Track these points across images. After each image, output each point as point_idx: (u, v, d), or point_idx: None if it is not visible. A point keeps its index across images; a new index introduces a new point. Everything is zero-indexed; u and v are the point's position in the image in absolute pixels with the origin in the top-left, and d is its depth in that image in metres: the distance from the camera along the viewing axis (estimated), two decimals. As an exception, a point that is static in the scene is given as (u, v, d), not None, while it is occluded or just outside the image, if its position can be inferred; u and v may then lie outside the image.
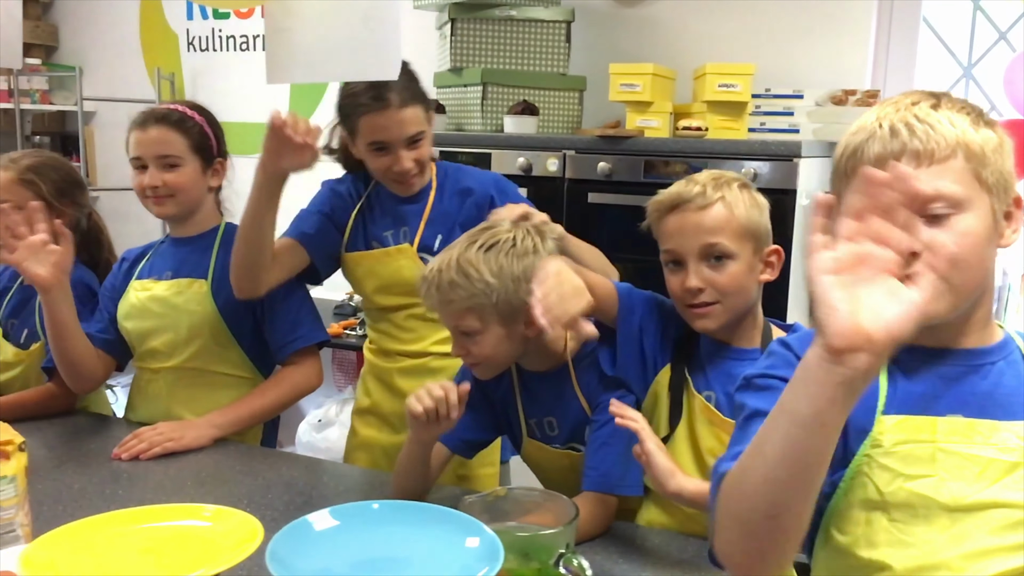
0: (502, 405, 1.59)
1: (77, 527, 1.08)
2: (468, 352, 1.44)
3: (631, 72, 2.73)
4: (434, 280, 1.42)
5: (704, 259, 1.36)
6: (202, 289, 1.84)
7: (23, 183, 1.94)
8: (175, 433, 1.73)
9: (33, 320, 1.98)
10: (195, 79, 4.15)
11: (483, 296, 1.39)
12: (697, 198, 1.35)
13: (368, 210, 1.86)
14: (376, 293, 1.85)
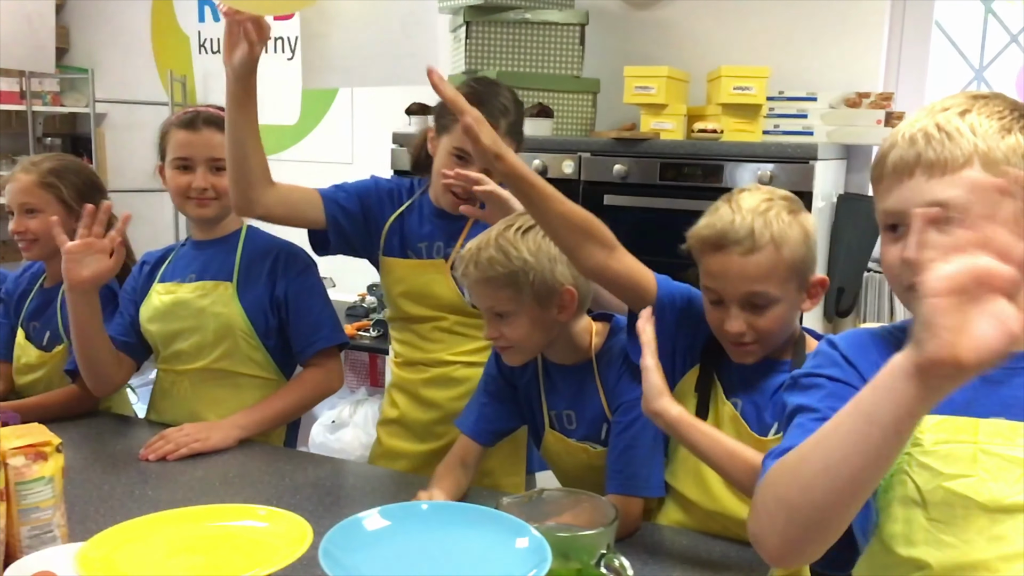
0: (526, 394, 1.61)
1: (130, 527, 1.10)
2: (501, 334, 1.46)
3: (646, 75, 2.74)
4: (472, 257, 1.44)
5: (746, 304, 1.33)
6: (227, 291, 1.85)
7: (44, 186, 1.96)
8: (201, 434, 1.74)
9: (55, 322, 2.00)
10: (206, 81, 4.17)
11: (520, 274, 1.41)
12: (745, 240, 1.29)
13: (408, 215, 1.87)
14: (402, 298, 1.86)
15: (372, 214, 1.86)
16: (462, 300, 1.81)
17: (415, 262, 1.85)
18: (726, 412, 1.40)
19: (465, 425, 1.61)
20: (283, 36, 3.97)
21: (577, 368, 1.54)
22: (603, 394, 1.51)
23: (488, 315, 1.47)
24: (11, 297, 2.09)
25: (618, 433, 1.46)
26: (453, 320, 1.83)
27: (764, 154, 2.46)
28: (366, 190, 1.87)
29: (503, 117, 1.72)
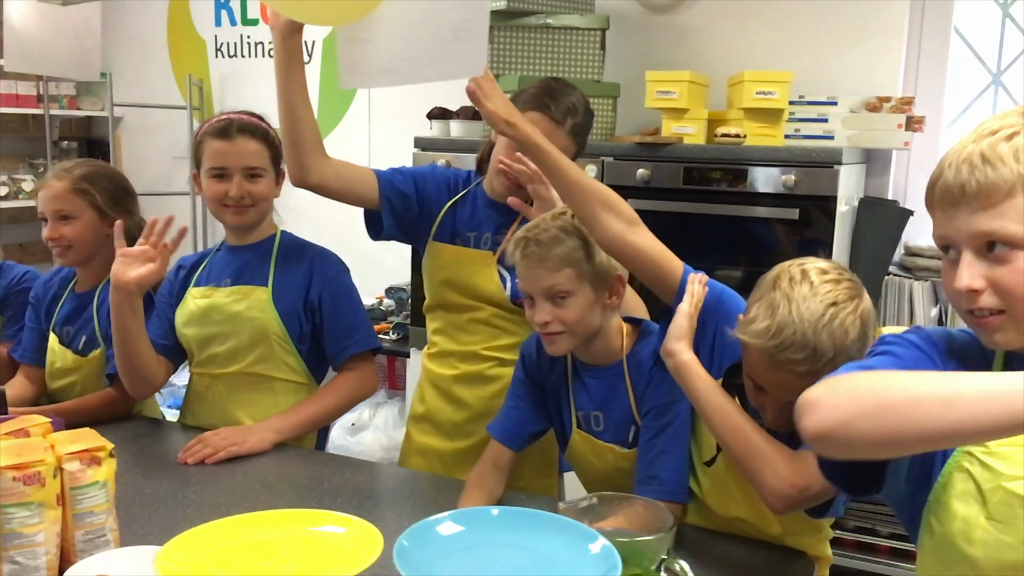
0: (554, 394, 1.62)
1: (206, 530, 1.11)
2: (555, 318, 1.46)
3: (668, 79, 2.75)
4: (535, 236, 1.46)
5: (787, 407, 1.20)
6: (263, 296, 1.87)
7: (78, 192, 1.97)
8: (238, 438, 1.75)
9: (91, 327, 2.01)
10: (223, 85, 4.18)
11: (582, 252, 1.45)
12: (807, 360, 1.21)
13: (461, 204, 1.88)
14: (444, 285, 1.87)
15: (427, 199, 1.87)
16: (503, 294, 1.82)
17: (463, 250, 1.85)
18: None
19: (495, 430, 1.63)
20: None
21: (607, 369, 1.55)
22: (632, 396, 1.52)
23: (542, 299, 1.47)
24: (41, 302, 2.10)
25: (650, 438, 1.47)
26: (490, 312, 1.84)
27: (788, 159, 2.48)
28: (423, 175, 1.89)
29: (569, 117, 1.74)
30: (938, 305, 2.85)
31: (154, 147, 4.35)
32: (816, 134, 2.78)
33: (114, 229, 1.77)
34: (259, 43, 4.08)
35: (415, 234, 1.91)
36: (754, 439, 1.26)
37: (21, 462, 1.16)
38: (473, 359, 1.86)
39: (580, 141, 1.81)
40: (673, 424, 1.45)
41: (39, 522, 1.18)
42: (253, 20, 4.07)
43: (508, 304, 1.83)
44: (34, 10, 1.49)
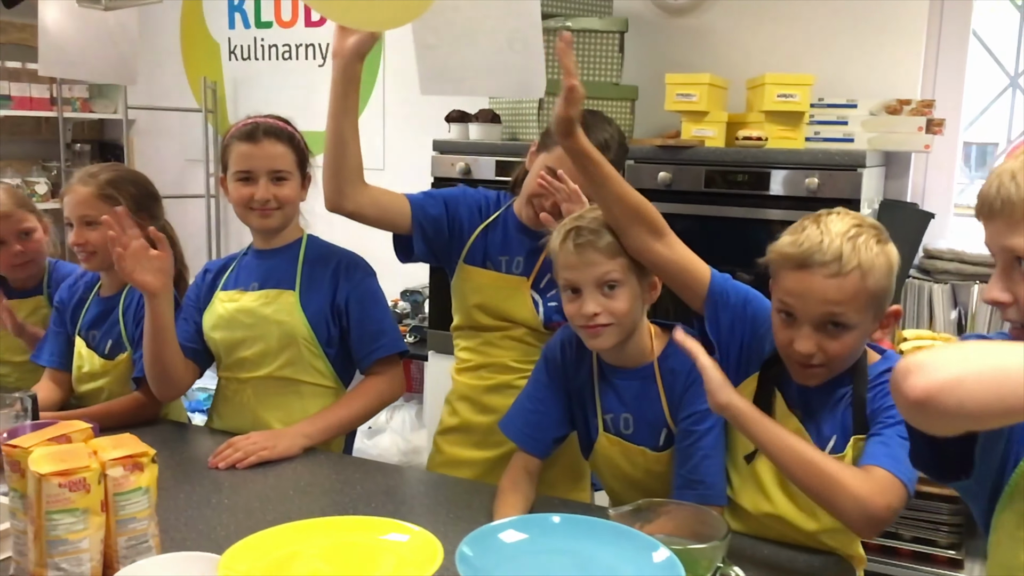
0: (579, 398, 1.61)
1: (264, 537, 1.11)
2: (604, 309, 1.45)
3: (688, 82, 2.75)
4: (587, 225, 1.46)
5: (821, 325, 1.31)
6: (291, 299, 1.87)
7: (102, 197, 1.97)
8: (268, 442, 1.75)
9: (117, 330, 2.01)
10: (236, 87, 4.18)
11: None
12: (832, 264, 1.28)
13: (492, 228, 1.88)
14: (476, 309, 1.87)
15: (459, 222, 1.88)
16: (537, 319, 1.82)
17: (496, 275, 1.85)
18: (789, 426, 1.39)
19: (519, 437, 1.61)
20: (314, 43, 3.99)
21: (637, 371, 1.55)
22: (665, 400, 1.52)
23: (591, 289, 1.46)
24: (66, 306, 2.10)
25: (692, 442, 1.47)
26: (524, 331, 1.84)
27: (811, 161, 2.47)
28: (454, 199, 1.89)
29: (603, 152, 1.72)
30: (957, 308, 2.84)
31: (167, 150, 4.35)
32: (836, 137, 2.78)
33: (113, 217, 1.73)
34: (272, 45, 4.08)
35: (445, 257, 1.91)
36: (827, 468, 1.25)
37: (66, 468, 1.16)
38: (504, 370, 1.86)
39: (618, 166, 1.80)
40: (715, 428, 1.45)
41: (84, 528, 1.17)
42: (267, 23, 4.07)
43: (541, 327, 1.83)
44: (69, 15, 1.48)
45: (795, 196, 2.48)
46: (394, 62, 3.84)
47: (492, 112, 2.98)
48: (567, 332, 1.65)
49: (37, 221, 2.24)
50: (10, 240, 2.18)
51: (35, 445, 1.22)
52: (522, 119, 2.99)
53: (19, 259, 2.20)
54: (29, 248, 2.21)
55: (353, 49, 1.65)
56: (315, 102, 3.86)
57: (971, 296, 2.80)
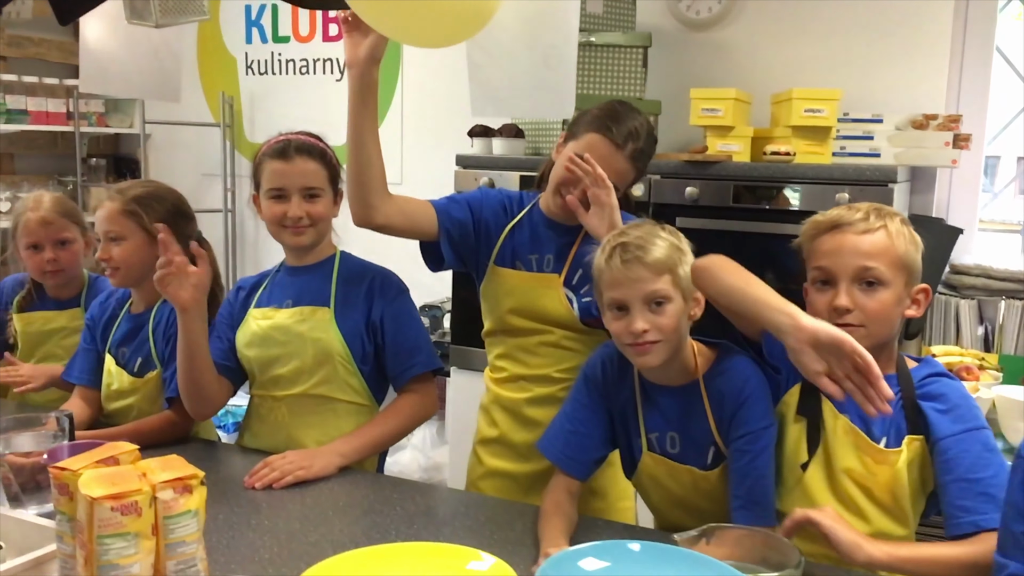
0: (621, 417, 1.59)
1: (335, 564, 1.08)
2: (653, 326, 1.44)
3: (713, 97, 2.74)
4: (635, 241, 1.45)
5: (857, 281, 1.39)
6: (325, 316, 1.85)
7: (127, 213, 1.96)
8: (305, 461, 1.73)
9: (147, 348, 1.99)
10: (252, 102, 4.18)
11: (679, 257, 1.46)
12: (859, 222, 1.40)
13: (519, 228, 1.87)
14: (511, 313, 1.85)
15: (485, 224, 1.87)
16: (572, 315, 1.80)
17: (527, 275, 1.84)
18: (840, 426, 1.42)
19: (560, 459, 1.59)
20: (331, 58, 3.98)
21: (682, 389, 1.53)
22: (712, 418, 1.50)
23: (639, 306, 1.45)
24: (96, 323, 2.08)
25: (748, 462, 1.45)
26: (560, 335, 1.82)
27: (841, 177, 2.46)
28: (478, 200, 1.88)
29: (631, 141, 1.73)
30: (983, 324, 2.83)
31: (183, 164, 4.34)
32: (863, 152, 2.77)
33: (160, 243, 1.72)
34: (290, 60, 4.07)
35: (473, 262, 1.90)
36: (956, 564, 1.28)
37: (118, 492, 1.14)
38: (545, 382, 1.84)
39: (640, 166, 1.80)
40: (768, 447, 1.44)
41: (135, 553, 1.15)
42: (284, 37, 4.07)
43: (577, 325, 1.81)
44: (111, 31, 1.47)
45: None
46: (412, 76, 3.83)
47: (516, 127, 2.97)
48: (607, 350, 1.64)
49: (79, 233, 2.24)
50: (45, 246, 2.18)
51: (84, 467, 1.20)
52: (546, 134, 2.98)
53: (51, 266, 2.19)
54: (62, 257, 2.20)
55: (368, 55, 1.63)
56: (332, 116, 3.87)
57: (998, 312, 2.78)
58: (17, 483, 1.51)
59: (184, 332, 1.75)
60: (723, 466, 1.51)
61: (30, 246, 2.18)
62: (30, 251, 2.18)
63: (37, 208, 2.18)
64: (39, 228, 2.17)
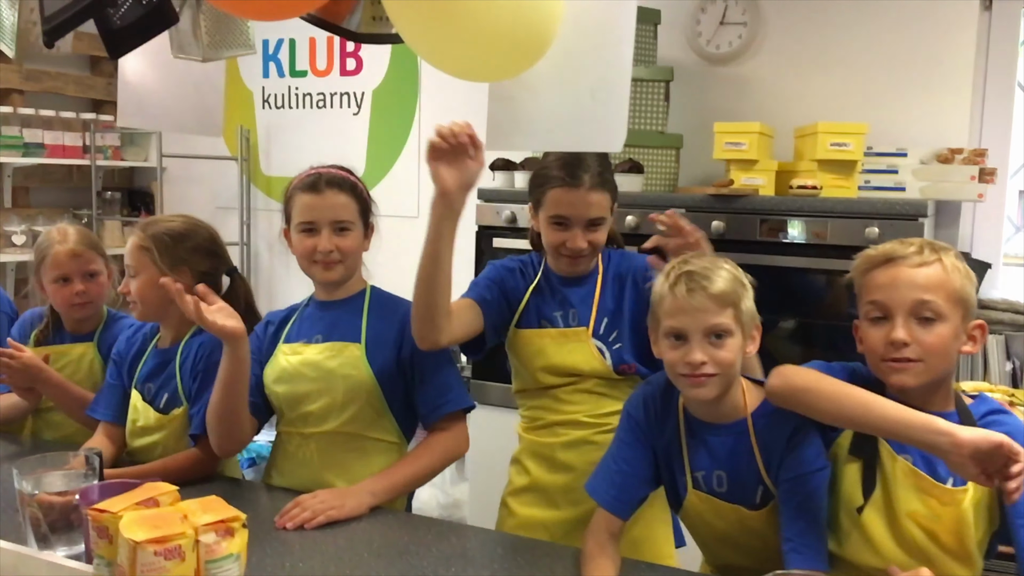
0: (665, 455, 1.56)
1: None
2: (711, 359, 1.42)
3: (737, 131, 2.73)
4: (700, 271, 1.43)
5: (913, 315, 1.36)
6: (356, 353, 1.82)
7: (141, 248, 1.96)
8: (336, 501, 1.69)
9: (173, 384, 1.96)
10: (268, 135, 4.18)
11: (742, 292, 1.44)
12: (914, 256, 1.37)
13: (539, 290, 1.88)
14: (541, 371, 1.85)
15: (510, 294, 1.88)
16: (605, 366, 1.79)
17: (555, 331, 1.84)
18: (900, 468, 1.38)
19: (603, 498, 1.56)
20: (348, 92, 4.00)
21: (730, 427, 1.50)
22: (760, 458, 1.47)
23: (699, 338, 1.43)
24: (123, 358, 2.05)
25: (800, 504, 1.41)
26: (594, 382, 1.81)
27: (870, 211, 2.44)
28: (499, 277, 1.90)
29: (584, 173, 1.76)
30: (1011, 360, 2.79)
31: (198, 197, 4.33)
32: (887, 185, 2.76)
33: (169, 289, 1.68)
34: (307, 94, 4.09)
35: (504, 331, 1.90)
36: None
37: (161, 535, 1.11)
38: (577, 426, 1.82)
39: (609, 185, 1.82)
40: (821, 489, 1.41)
41: (177, 599, 1.12)
42: (301, 72, 4.08)
43: (611, 375, 1.81)
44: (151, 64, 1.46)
45: (854, 246, 2.43)
46: (430, 108, 3.84)
47: (538, 160, 2.95)
48: (649, 387, 1.61)
49: (104, 265, 2.22)
50: (75, 279, 2.16)
51: (124, 509, 1.17)
52: (567, 168, 2.96)
53: (80, 299, 2.17)
54: (91, 289, 2.18)
55: (463, 183, 1.60)
56: (348, 150, 3.90)
57: (1025, 347, 2.75)
58: (46, 523, 1.48)
59: (229, 363, 1.72)
60: (772, 505, 1.47)
61: (59, 279, 2.15)
62: (58, 284, 2.16)
63: (65, 241, 2.16)
64: (69, 260, 2.14)
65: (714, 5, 3.16)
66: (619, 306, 1.85)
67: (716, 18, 3.15)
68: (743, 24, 3.12)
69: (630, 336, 1.84)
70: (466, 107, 3.62)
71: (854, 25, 2.99)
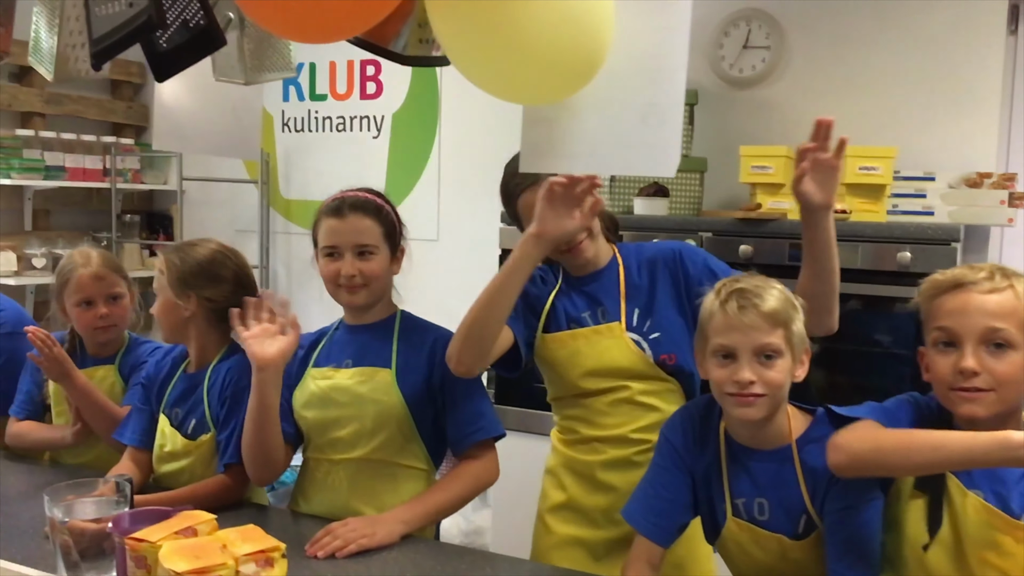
0: (704, 482, 1.53)
1: None
2: (760, 378, 1.40)
3: (763, 154, 2.72)
4: (753, 289, 1.42)
5: (984, 343, 1.30)
6: (387, 378, 1.80)
7: (160, 272, 1.96)
8: (367, 529, 1.66)
9: (201, 409, 1.93)
10: (287, 159, 4.19)
11: (793, 314, 1.41)
12: (984, 282, 1.32)
13: (562, 294, 1.85)
14: (582, 377, 1.80)
15: (534, 304, 1.85)
16: (645, 359, 1.76)
17: (587, 330, 1.80)
18: (971, 504, 1.31)
19: (642, 524, 1.53)
20: (368, 115, 4.00)
21: (774, 453, 1.47)
22: (804, 486, 1.44)
23: (748, 357, 1.40)
24: (153, 382, 2.03)
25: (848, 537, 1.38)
26: (636, 389, 1.77)
27: (902, 235, 2.42)
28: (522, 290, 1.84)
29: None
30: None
31: (217, 221, 4.34)
32: (916, 210, 2.73)
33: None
34: (326, 118, 4.09)
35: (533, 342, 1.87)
36: None
37: (202, 566, 1.08)
38: (620, 443, 1.78)
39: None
40: (872, 522, 1.37)
41: (217, 632, 1.09)
42: (321, 95, 4.09)
43: (652, 371, 1.76)
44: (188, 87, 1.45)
45: (884, 270, 2.42)
46: (450, 132, 3.84)
47: (562, 184, 2.94)
48: (687, 412, 1.59)
49: (126, 288, 2.21)
50: (98, 302, 2.15)
51: (163, 539, 1.15)
52: (592, 191, 2.95)
53: (103, 322, 2.15)
54: (114, 312, 2.17)
55: (561, 233, 1.60)
56: (367, 173, 3.89)
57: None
58: (77, 550, 1.45)
59: (258, 393, 1.71)
60: (815, 535, 1.44)
61: (82, 302, 2.14)
62: (81, 307, 2.15)
63: (88, 264, 2.15)
64: (92, 283, 2.13)
65: (737, 29, 3.15)
66: (652, 294, 1.80)
67: (739, 42, 3.15)
68: (766, 48, 3.12)
69: (670, 321, 1.79)
70: (486, 132, 3.67)
71: (879, 49, 2.99)
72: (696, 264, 1.80)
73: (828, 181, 1.56)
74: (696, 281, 1.76)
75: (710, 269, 1.78)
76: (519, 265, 1.62)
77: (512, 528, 2.95)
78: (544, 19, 1.00)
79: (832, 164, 1.55)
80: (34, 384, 2.26)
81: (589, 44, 1.06)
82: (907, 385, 2.43)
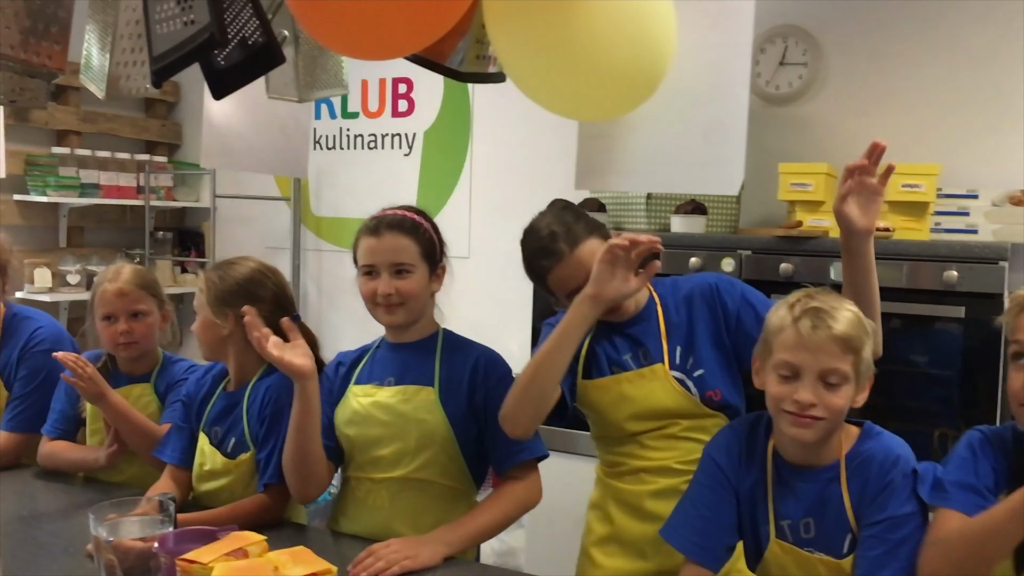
0: (748, 502, 1.50)
1: None
2: (822, 402, 1.37)
3: (803, 171, 2.69)
4: (828, 309, 1.38)
5: None
6: (430, 397, 1.78)
7: (200, 291, 1.97)
8: (410, 551, 1.64)
9: (240, 428, 1.92)
10: (319, 177, 4.20)
11: (865, 339, 1.39)
12: None
13: (599, 338, 1.81)
14: (628, 420, 1.77)
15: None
16: (691, 400, 1.73)
17: (631, 374, 1.76)
18: None
19: (685, 545, 1.50)
20: (400, 133, 4.01)
21: (821, 471, 1.44)
22: (849, 501, 1.41)
23: (812, 378, 1.37)
24: (193, 400, 2.02)
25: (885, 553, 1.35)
26: (684, 425, 1.74)
27: (947, 254, 2.38)
28: None
29: (561, 241, 1.69)
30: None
31: (248, 238, 4.35)
32: (959, 228, 2.68)
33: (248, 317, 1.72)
34: (358, 136, 4.10)
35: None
36: None
37: (256, 590, 1.06)
38: (668, 473, 1.75)
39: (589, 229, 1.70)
40: (912, 538, 1.34)
41: (270, 657, 1.07)
42: (353, 113, 4.11)
43: (699, 409, 1.73)
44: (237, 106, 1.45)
45: (930, 289, 2.38)
46: (482, 150, 3.83)
47: (598, 201, 2.93)
48: (731, 431, 1.56)
49: (155, 306, 2.18)
50: (120, 317, 2.13)
51: (214, 560, 1.13)
52: (627, 208, 2.93)
53: (124, 338, 2.13)
54: (136, 329, 2.14)
55: (616, 296, 1.60)
56: (399, 191, 3.89)
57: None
58: (122, 569, 1.44)
59: (301, 403, 1.69)
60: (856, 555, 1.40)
61: (105, 317, 2.14)
62: (105, 322, 2.14)
63: (115, 279, 2.15)
64: (114, 299, 2.13)
65: (773, 46, 3.13)
66: (692, 330, 1.77)
67: (776, 59, 3.12)
68: (803, 64, 3.09)
69: (711, 357, 1.76)
70: (520, 150, 3.66)
71: (918, 64, 2.95)
72: (734, 297, 1.77)
73: (871, 205, 1.55)
74: (734, 314, 1.74)
75: (748, 301, 1.75)
76: (574, 326, 1.60)
77: (546, 549, 2.91)
78: (607, 36, 0.98)
79: (876, 189, 1.55)
80: (68, 402, 2.24)
81: (651, 60, 1.04)
82: (953, 408, 2.40)
